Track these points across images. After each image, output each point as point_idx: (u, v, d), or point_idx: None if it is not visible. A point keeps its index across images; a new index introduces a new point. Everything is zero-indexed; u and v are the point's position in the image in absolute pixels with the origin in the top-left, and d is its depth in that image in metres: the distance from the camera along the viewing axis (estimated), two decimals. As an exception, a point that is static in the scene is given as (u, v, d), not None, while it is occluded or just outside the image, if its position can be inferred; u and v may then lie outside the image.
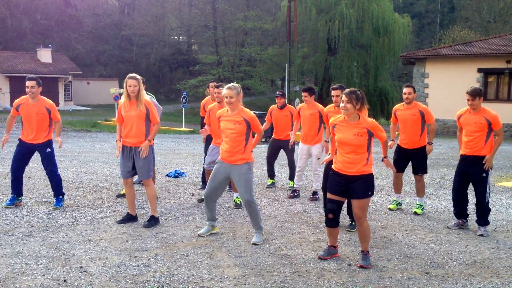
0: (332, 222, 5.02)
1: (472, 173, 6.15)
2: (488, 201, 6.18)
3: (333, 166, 5.01)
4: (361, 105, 4.80)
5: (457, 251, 5.44)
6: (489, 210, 6.20)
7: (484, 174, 6.09)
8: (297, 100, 23.55)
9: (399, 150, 7.12)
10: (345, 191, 4.90)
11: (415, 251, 5.41)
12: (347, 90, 4.87)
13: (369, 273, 4.70)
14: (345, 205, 5.97)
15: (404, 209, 7.36)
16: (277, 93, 8.63)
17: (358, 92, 4.82)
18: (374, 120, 4.92)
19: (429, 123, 6.99)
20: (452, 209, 6.77)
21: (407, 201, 7.88)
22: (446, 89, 23.68)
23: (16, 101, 6.70)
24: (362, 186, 4.80)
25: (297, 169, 8.14)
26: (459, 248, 5.55)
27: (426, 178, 9.86)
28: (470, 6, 48.28)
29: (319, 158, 7.72)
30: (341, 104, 4.82)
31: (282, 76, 39.12)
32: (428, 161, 7.15)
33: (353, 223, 6.12)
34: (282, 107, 8.44)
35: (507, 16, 44.58)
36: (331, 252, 5.13)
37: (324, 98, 33.60)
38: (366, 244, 4.95)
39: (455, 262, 5.09)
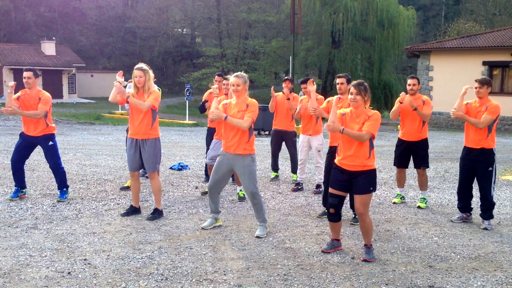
0: (333, 216, 5.01)
1: (477, 168, 6.10)
2: (493, 195, 6.16)
3: (335, 161, 4.99)
4: (368, 96, 4.78)
5: (461, 245, 5.44)
6: (494, 204, 6.17)
7: (490, 168, 6.04)
8: (301, 92, 23.47)
9: (400, 143, 7.09)
10: (347, 186, 4.88)
11: (419, 245, 5.40)
12: (355, 82, 4.84)
13: (372, 267, 4.70)
14: (348, 199, 5.97)
15: (408, 203, 7.35)
16: (285, 77, 8.37)
17: (366, 84, 4.81)
18: (378, 112, 4.87)
19: (424, 112, 6.75)
20: (455, 202, 6.76)
21: (410, 194, 7.87)
22: (451, 82, 23.55)
23: (17, 94, 6.72)
24: (365, 181, 4.78)
25: (299, 162, 8.12)
26: (462, 242, 5.54)
27: (430, 171, 9.84)
28: (475, -1, 47.97)
29: (319, 151, 7.71)
30: (350, 96, 4.79)
31: (286, 69, 39.01)
32: (432, 155, 7.13)
33: (357, 216, 6.11)
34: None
35: (513, 9, 44.24)
36: (335, 245, 5.13)
37: (327, 91, 33.51)
38: (369, 238, 4.95)
39: (458, 256, 5.08)
